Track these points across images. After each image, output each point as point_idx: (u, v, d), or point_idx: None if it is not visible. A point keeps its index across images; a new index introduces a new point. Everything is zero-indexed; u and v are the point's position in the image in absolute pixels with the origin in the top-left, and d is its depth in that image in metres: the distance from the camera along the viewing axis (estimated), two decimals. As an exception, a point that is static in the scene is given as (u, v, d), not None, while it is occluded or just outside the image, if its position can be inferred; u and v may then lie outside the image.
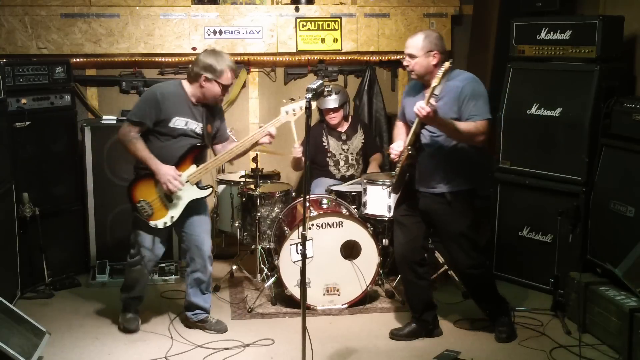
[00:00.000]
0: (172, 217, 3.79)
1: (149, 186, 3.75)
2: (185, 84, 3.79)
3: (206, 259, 3.94)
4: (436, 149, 3.65)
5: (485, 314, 3.99)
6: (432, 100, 3.39)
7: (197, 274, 3.94)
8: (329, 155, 5.04)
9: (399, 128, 3.93)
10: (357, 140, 5.09)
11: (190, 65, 3.77)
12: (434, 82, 3.35)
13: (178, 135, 3.75)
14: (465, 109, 3.54)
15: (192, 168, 3.78)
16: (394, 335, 3.94)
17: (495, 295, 3.93)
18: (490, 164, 4.84)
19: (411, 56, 3.63)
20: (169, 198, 3.76)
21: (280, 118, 3.87)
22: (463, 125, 3.52)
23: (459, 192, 3.68)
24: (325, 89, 4.01)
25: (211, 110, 3.87)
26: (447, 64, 3.37)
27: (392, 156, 3.74)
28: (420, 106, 3.38)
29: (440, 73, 3.35)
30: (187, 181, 3.76)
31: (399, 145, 3.71)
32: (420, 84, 3.70)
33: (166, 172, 3.68)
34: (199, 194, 3.84)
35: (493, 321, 3.94)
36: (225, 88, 3.76)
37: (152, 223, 3.77)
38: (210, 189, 3.91)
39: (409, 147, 3.57)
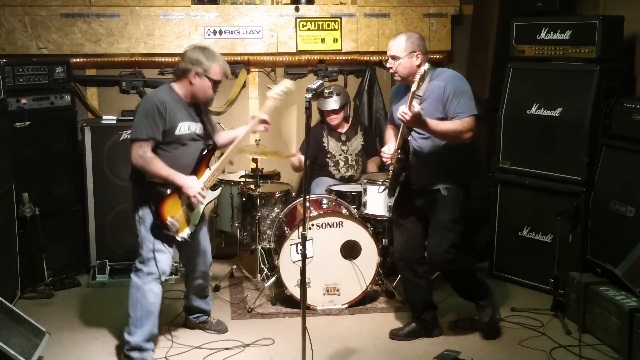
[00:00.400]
0: (194, 224, 3.68)
1: (174, 201, 3.56)
2: (175, 85, 3.58)
3: (208, 265, 3.92)
4: (427, 150, 3.66)
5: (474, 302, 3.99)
6: (415, 104, 3.41)
7: (199, 281, 3.91)
8: (328, 155, 5.04)
9: (389, 131, 3.94)
10: (357, 141, 5.09)
11: (177, 64, 3.60)
12: (413, 87, 3.36)
13: (186, 141, 3.57)
14: (450, 108, 3.55)
15: (207, 172, 3.66)
16: (394, 335, 3.94)
17: (475, 286, 3.92)
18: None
19: (394, 58, 3.63)
20: (190, 208, 3.63)
21: (268, 103, 3.71)
22: (449, 125, 3.53)
23: (452, 188, 3.70)
24: (326, 90, 4.00)
25: (199, 106, 3.69)
26: (421, 70, 3.36)
27: (384, 159, 3.76)
28: (403, 112, 3.39)
29: (417, 77, 3.35)
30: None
31: (389, 148, 3.72)
32: (404, 87, 3.70)
33: (193, 185, 3.52)
34: (212, 195, 3.73)
35: (475, 303, 3.96)
36: (216, 84, 3.55)
37: (179, 236, 3.61)
38: (221, 187, 3.86)
39: (399, 151, 3.59)
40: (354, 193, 4.68)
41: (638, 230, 3.80)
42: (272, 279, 4.41)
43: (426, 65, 3.42)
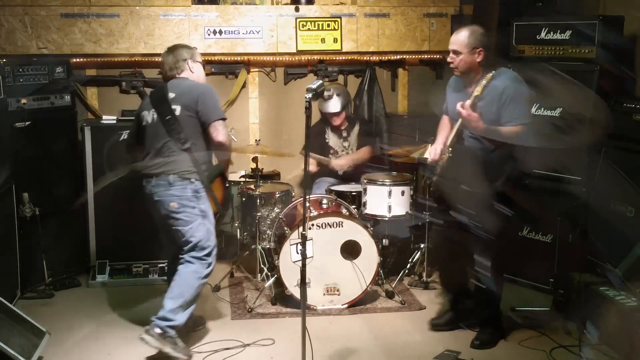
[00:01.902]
0: None
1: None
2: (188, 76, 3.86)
3: None
4: (476, 150, 3.64)
5: (478, 317, 3.96)
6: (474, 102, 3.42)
7: None
8: (331, 152, 5.06)
9: (444, 121, 3.94)
10: (355, 134, 5.09)
11: (176, 63, 3.85)
12: (476, 92, 3.34)
13: None
14: (505, 112, 3.51)
15: None
16: (434, 326, 3.93)
17: (496, 306, 3.90)
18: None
19: (455, 52, 3.60)
20: None
21: None
22: (504, 131, 3.51)
23: (497, 192, 3.65)
24: (326, 93, 3.97)
25: None
26: (488, 76, 3.35)
27: (429, 160, 3.80)
28: (465, 106, 3.38)
29: (483, 82, 3.34)
30: None
31: (435, 151, 3.76)
32: (462, 80, 3.68)
33: None
34: None
35: (479, 324, 3.93)
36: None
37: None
38: None
39: (450, 149, 3.58)
40: (354, 193, 4.68)
41: (638, 230, 3.80)
42: (272, 279, 4.41)
43: (492, 72, 3.39)
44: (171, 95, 3.72)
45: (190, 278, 3.63)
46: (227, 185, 3.92)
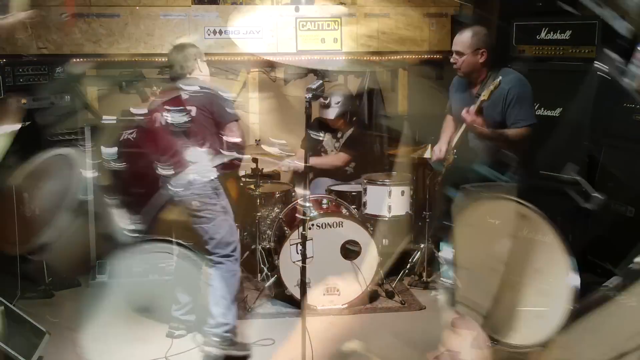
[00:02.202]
0: None
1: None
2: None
3: None
4: (481, 150, 3.64)
5: None
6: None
7: None
8: (322, 150, 5.06)
9: (448, 121, 3.94)
10: (345, 138, 5.09)
11: (186, 62, 3.83)
12: (483, 96, 3.33)
13: None
14: (511, 113, 3.52)
15: None
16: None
17: None
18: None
19: (458, 53, 3.61)
20: None
21: None
22: (510, 134, 3.51)
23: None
24: (322, 100, 4.00)
25: None
26: (496, 82, 3.36)
27: (434, 159, 3.82)
28: (470, 112, 3.38)
29: (491, 87, 3.34)
30: None
31: (440, 149, 3.76)
32: (465, 80, 3.68)
33: None
34: None
35: None
36: None
37: None
38: None
39: (454, 151, 3.58)
40: (354, 193, 4.68)
41: (638, 230, 3.79)
42: (272, 279, 4.41)
43: (500, 77, 3.40)
44: (185, 96, 3.73)
45: (225, 279, 3.70)
46: (241, 184, 3.92)
